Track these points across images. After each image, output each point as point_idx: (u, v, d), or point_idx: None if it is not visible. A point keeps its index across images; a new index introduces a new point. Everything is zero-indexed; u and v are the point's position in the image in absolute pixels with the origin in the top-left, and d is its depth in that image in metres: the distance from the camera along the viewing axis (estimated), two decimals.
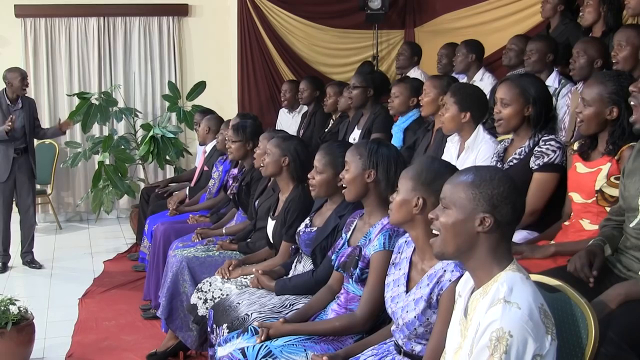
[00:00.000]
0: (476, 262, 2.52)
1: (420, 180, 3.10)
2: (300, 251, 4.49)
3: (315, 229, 4.34)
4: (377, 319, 3.55)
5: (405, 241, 3.28)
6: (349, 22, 10.27)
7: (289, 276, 4.45)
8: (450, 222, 2.53)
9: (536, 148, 4.16)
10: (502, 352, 2.27)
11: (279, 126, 8.77)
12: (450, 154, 4.94)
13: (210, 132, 7.64)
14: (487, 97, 5.08)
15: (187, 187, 7.71)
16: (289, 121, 8.75)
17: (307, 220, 4.47)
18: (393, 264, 3.29)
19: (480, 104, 4.76)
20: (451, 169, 3.11)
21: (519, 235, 4.07)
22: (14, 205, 8.07)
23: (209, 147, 7.68)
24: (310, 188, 4.36)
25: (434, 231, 2.62)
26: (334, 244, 4.07)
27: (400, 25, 10.49)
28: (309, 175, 4.36)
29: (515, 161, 4.23)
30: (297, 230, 4.48)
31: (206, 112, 8.21)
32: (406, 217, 3.13)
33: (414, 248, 3.19)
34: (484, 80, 6.76)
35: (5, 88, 7.82)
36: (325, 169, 4.23)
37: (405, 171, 3.21)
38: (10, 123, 7.49)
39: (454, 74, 6.96)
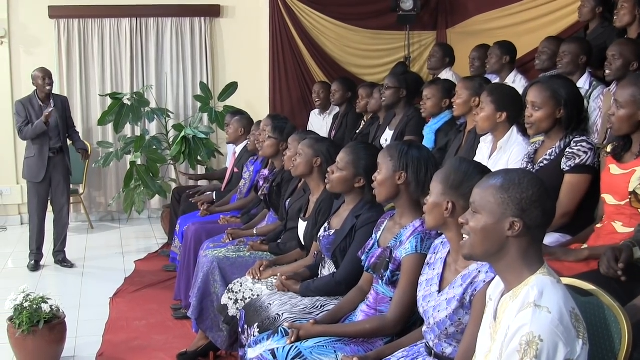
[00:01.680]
0: (506, 265, 2.51)
1: (448, 183, 3.11)
2: (323, 256, 4.49)
3: (333, 231, 4.34)
4: (408, 322, 3.54)
5: (442, 242, 3.28)
6: (381, 23, 10.25)
7: (314, 279, 4.45)
8: (479, 226, 2.52)
9: (567, 149, 4.13)
10: (533, 357, 2.25)
11: (310, 128, 8.76)
12: (482, 154, 4.93)
13: (245, 133, 7.65)
14: None
15: (214, 192, 7.73)
16: (320, 123, 8.75)
17: (325, 224, 4.47)
18: (428, 264, 3.29)
19: (517, 105, 4.71)
20: (481, 170, 3.10)
21: (551, 238, 4.05)
22: (48, 205, 8.13)
23: (239, 149, 7.70)
24: (327, 181, 4.39)
25: (463, 235, 2.62)
26: (353, 244, 4.09)
27: (432, 26, 10.45)
28: (328, 169, 4.39)
29: (545, 162, 4.20)
30: (318, 235, 4.48)
31: (237, 113, 8.22)
32: (439, 220, 3.14)
33: (449, 249, 3.19)
34: (516, 83, 6.72)
35: (36, 89, 7.90)
36: (346, 167, 4.25)
37: (436, 174, 3.22)
38: (47, 114, 7.59)
39: (486, 75, 6.94)
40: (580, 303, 2.62)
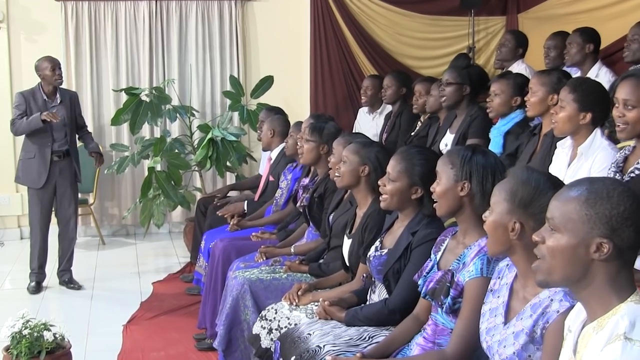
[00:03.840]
0: (590, 293, 2.46)
1: (515, 201, 3.05)
2: (373, 279, 4.48)
3: (386, 251, 4.32)
4: (471, 358, 3.50)
5: (507, 265, 3.24)
6: (441, 8, 10.24)
7: (362, 305, 4.44)
8: (559, 247, 2.47)
9: None
10: None
11: (357, 128, 8.76)
12: (560, 161, 4.87)
13: (276, 136, 7.66)
14: None
15: (246, 201, 7.73)
16: (368, 123, 8.73)
17: (377, 243, 4.45)
18: (491, 290, 3.26)
19: (604, 104, 4.64)
20: (553, 184, 3.05)
21: None
22: (52, 216, 8.17)
23: (274, 154, 7.71)
24: (381, 198, 4.36)
25: (537, 256, 2.58)
26: (408, 265, 4.07)
27: (501, 10, 10.42)
28: (379, 182, 4.37)
29: (637, 172, 4.14)
30: (367, 255, 4.46)
31: (274, 110, 8.21)
32: (504, 244, 3.09)
33: (516, 273, 3.16)
34: (599, 77, 6.67)
35: (41, 82, 7.93)
36: (399, 177, 4.24)
37: (498, 188, 3.16)
38: (53, 115, 7.58)
39: (565, 68, 6.89)
40: None
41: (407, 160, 4.24)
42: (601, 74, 6.76)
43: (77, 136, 8.22)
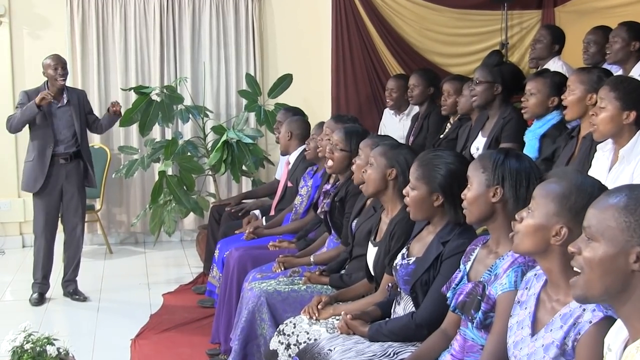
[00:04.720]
0: (630, 308, 2.44)
1: (568, 204, 3.00)
2: (399, 289, 4.46)
3: (413, 259, 4.29)
4: None
5: (535, 274, 3.22)
6: (472, 1, 10.21)
7: (386, 319, 4.42)
8: (597, 257, 2.45)
9: None
10: None
11: (382, 130, 8.73)
12: (600, 165, 4.83)
13: (293, 138, 7.66)
14: None
15: (263, 217, 7.71)
16: (395, 125, 8.69)
17: (403, 250, 4.43)
18: (518, 302, 3.24)
19: None
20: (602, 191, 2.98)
21: None
22: (58, 223, 8.16)
23: (292, 157, 7.70)
24: (408, 209, 4.35)
25: (575, 269, 2.55)
26: (437, 277, 4.05)
27: (536, 4, 10.37)
28: (403, 192, 4.36)
29: None
30: (394, 264, 4.44)
31: (292, 111, 8.18)
32: (539, 246, 3.06)
33: (544, 282, 3.14)
34: None
35: (47, 81, 7.92)
36: (417, 185, 4.23)
37: (544, 188, 3.10)
38: (44, 96, 7.56)
39: (605, 65, 6.84)
40: None
41: (426, 165, 4.23)
42: None
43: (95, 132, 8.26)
